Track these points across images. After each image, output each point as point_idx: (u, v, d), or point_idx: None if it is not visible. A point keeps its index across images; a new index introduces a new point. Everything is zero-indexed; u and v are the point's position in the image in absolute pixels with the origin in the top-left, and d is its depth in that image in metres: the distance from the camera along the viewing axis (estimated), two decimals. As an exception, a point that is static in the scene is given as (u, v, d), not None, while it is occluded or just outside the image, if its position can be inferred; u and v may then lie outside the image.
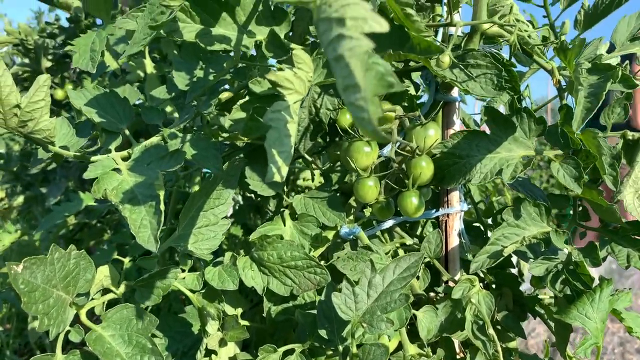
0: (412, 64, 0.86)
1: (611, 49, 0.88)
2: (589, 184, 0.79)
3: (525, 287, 1.05)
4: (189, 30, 0.62)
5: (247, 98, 0.63)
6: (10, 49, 1.82)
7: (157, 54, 1.00)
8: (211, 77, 0.76)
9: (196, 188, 1.33)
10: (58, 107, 1.62)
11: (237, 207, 1.63)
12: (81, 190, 1.41)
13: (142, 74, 1.02)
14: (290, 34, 0.82)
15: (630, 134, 0.78)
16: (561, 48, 0.67)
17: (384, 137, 0.31)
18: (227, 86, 0.86)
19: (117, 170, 0.66)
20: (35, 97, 0.62)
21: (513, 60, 0.84)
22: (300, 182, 1.59)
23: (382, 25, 0.34)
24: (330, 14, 0.37)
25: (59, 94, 1.56)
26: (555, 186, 4.49)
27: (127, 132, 0.73)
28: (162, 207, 0.60)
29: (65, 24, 1.82)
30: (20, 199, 2.03)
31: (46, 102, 0.63)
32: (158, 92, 0.79)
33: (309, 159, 0.97)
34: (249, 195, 1.51)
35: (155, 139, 0.73)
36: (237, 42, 0.63)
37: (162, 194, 0.61)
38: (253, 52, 0.80)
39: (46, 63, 1.53)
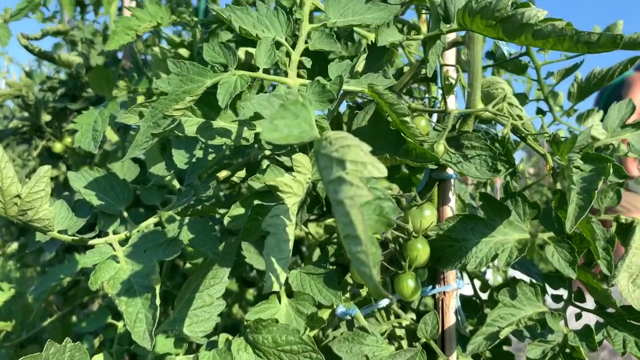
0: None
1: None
2: (583, 267, 0.79)
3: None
4: (190, 124, 0.63)
5: (247, 194, 0.64)
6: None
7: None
8: (210, 157, 0.77)
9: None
10: (56, 159, 1.63)
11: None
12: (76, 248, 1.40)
13: (141, 143, 1.03)
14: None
15: (623, 218, 0.79)
16: (554, 141, 0.68)
17: (382, 294, 0.32)
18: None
19: (114, 257, 0.66)
20: (36, 187, 0.62)
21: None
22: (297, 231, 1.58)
23: (380, 171, 0.35)
24: (331, 152, 0.38)
25: (57, 147, 1.57)
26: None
27: (125, 214, 0.74)
28: (157, 301, 0.60)
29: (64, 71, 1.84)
30: (14, 246, 2.02)
31: (46, 192, 0.63)
32: (157, 170, 0.80)
33: (306, 230, 0.97)
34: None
35: (152, 221, 0.73)
36: (237, 134, 0.64)
37: (157, 287, 0.61)
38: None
39: (45, 117, 1.54)
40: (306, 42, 0.58)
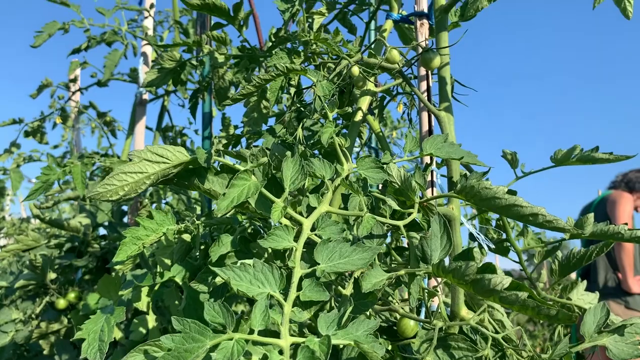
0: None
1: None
2: None
3: None
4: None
5: None
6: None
7: (161, 302, 1.07)
8: None
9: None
10: (59, 313, 1.66)
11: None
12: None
13: (144, 331, 1.08)
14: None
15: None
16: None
17: None
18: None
19: None
20: None
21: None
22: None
23: None
24: None
25: (61, 303, 1.60)
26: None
27: None
28: None
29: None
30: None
31: None
32: None
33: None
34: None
35: None
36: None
37: None
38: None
39: (51, 275, 1.59)
40: (298, 290, 0.64)
